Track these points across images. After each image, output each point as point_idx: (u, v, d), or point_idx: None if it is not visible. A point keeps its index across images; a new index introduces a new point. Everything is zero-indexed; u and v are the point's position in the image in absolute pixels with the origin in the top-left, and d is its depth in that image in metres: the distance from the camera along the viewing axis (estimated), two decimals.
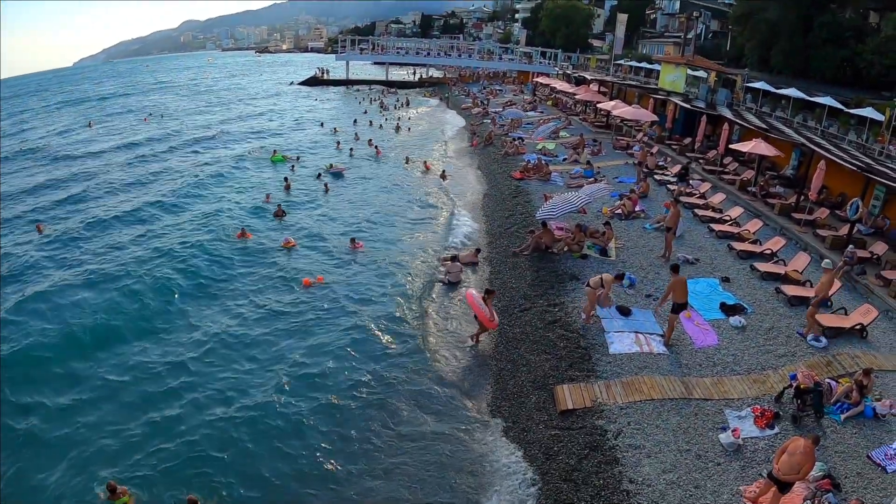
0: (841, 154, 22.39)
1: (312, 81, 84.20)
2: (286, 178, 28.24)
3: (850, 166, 20.48)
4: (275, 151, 35.18)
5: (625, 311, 14.66)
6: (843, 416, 11.02)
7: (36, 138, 45.09)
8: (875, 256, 18.40)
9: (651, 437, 10.58)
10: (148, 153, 37.82)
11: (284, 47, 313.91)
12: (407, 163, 33.28)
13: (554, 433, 11.12)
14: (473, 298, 14.68)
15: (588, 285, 14.20)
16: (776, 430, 10.74)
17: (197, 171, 32.71)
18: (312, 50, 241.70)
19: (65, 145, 41.50)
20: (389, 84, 79.54)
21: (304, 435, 11.69)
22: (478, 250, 19.87)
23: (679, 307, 13.23)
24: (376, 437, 11.70)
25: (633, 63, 62.57)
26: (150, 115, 55.19)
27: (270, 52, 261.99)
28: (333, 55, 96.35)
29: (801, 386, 11.20)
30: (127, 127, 49.36)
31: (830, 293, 15.09)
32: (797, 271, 16.96)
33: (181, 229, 22.90)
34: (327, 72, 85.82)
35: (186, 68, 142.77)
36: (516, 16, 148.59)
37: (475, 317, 14.80)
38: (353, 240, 20.58)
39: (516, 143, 34.46)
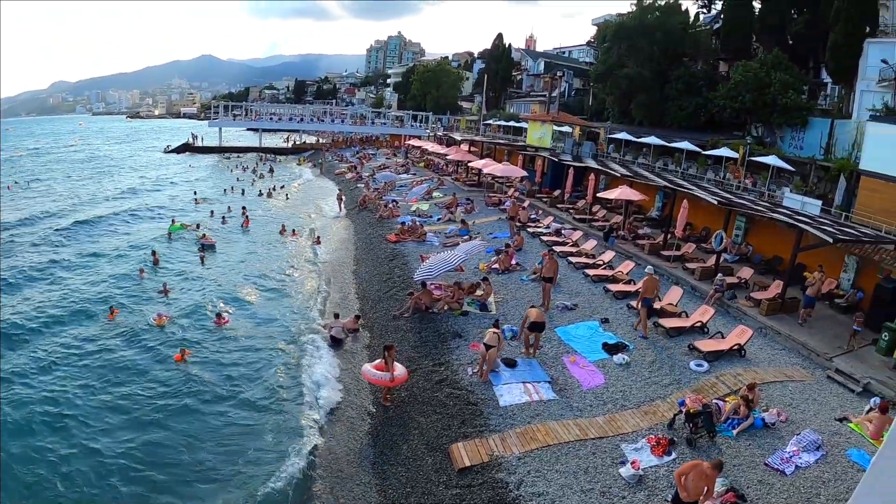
0: (701, 192, 24.67)
1: (185, 149, 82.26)
2: (154, 252, 26.82)
3: (710, 202, 22.60)
4: (173, 220, 33.52)
5: (510, 363, 15.08)
6: (735, 431, 12.04)
7: None
8: (743, 281, 20.42)
9: (553, 483, 10.84)
10: (11, 220, 34.83)
11: (157, 112, 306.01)
12: (282, 232, 32.77)
13: (455, 492, 11.06)
14: (369, 374, 14.37)
15: (485, 345, 14.38)
16: (673, 455, 11.42)
17: (60, 240, 30.76)
18: (185, 115, 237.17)
19: None
20: (263, 151, 79.35)
21: None
22: (357, 316, 19.71)
23: (537, 326, 15.12)
24: None
25: (502, 122, 66.27)
26: (16, 182, 51.23)
27: (142, 118, 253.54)
28: (207, 121, 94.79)
29: (691, 410, 12.00)
30: None
31: (705, 320, 16.60)
32: (672, 304, 18.45)
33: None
34: (202, 139, 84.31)
35: (53, 133, 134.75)
36: (388, 80, 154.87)
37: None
38: (219, 315, 19.67)
39: (390, 206, 35.05)
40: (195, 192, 44.85)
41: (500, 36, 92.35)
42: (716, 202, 22.45)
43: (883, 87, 31.12)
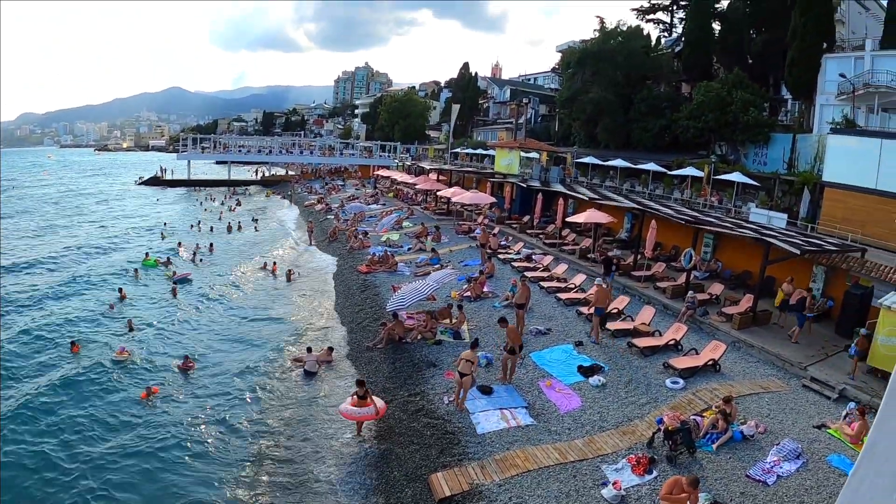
0: (669, 211, 25.19)
1: (154, 181, 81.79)
2: (120, 290, 26.35)
3: (678, 221, 23.05)
4: (146, 255, 32.95)
5: (486, 391, 15.07)
6: (714, 446, 12.18)
7: None
8: (714, 297, 20.74)
9: None
10: None
11: (125, 145, 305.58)
12: (251, 264, 32.52)
13: None
14: (347, 412, 14.23)
15: (458, 372, 14.34)
16: (655, 473, 11.48)
17: (27, 273, 30.40)
18: (154, 148, 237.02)
19: None
20: (232, 183, 79.24)
21: None
22: (330, 349, 19.53)
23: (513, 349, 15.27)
24: None
25: (470, 150, 67.02)
26: None
27: (110, 150, 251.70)
28: (175, 154, 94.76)
29: (669, 427, 12.09)
30: None
31: (679, 338, 16.83)
32: (645, 324, 18.74)
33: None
34: (171, 172, 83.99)
35: (20, 166, 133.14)
36: (356, 111, 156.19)
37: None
38: (186, 357, 19.27)
39: (360, 236, 34.99)
40: (164, 225, 44.51)
41: (466, 65, 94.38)
42: (683, 221, 22.92)
43: (842, 100, 32.26)
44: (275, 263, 32.37)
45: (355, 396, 14.34)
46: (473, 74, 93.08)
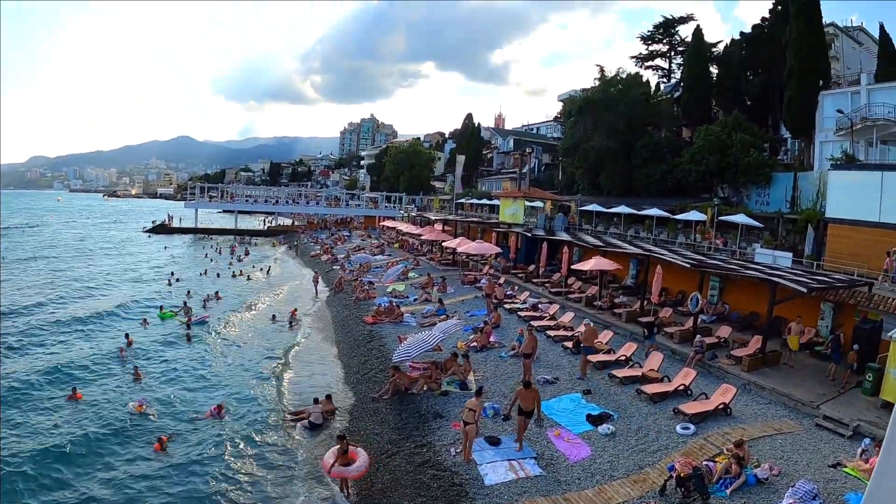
0: (674, 256, 25.21)
1: (161, 229, 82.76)
2: (127, 335, 26.35)
3: (683, 265, 23.04)
4: (161, 307, 32.95)
5: (494, 441, 14.91)
6: (728, 491, 11.96)
7: None
8: (722, 340, 20.57)
9: None
10: None
11: (134, 192, 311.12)
12: (258, 313, 32.55)
13: None
14: (338, 472, 14.02)
15: (463, 422, 14.20)
16: None
17: (34, 319, 30.30)
18: (162, 196, 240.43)
19: None
20: (239, 232, 79.91)
21: None
22: (328, 396, 19.28)
23: (527, 413, 14.51)
24: None
25: (474, 200, 67.59)
26: None
27: (119, 197, 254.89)
28: (183, 202, 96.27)
29: (681, 474, 11.92)
30: None
31: (688, 382, 16.67)
32: (653, 370, 18.49)
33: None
34: (180, 219, 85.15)
35: (29, 209, 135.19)
36: (361, 162, 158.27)
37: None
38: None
39: (366, 287, 35.06)
40: (172, 274, 44.81)
41: (469, 116, 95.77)
42: (689, 265, 22.93)
43: (841, 136, 32.61)
44: (295, 310, 32.43)
45: (338, 451, 14.15)
46: (477, 125, 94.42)
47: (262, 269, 49.96)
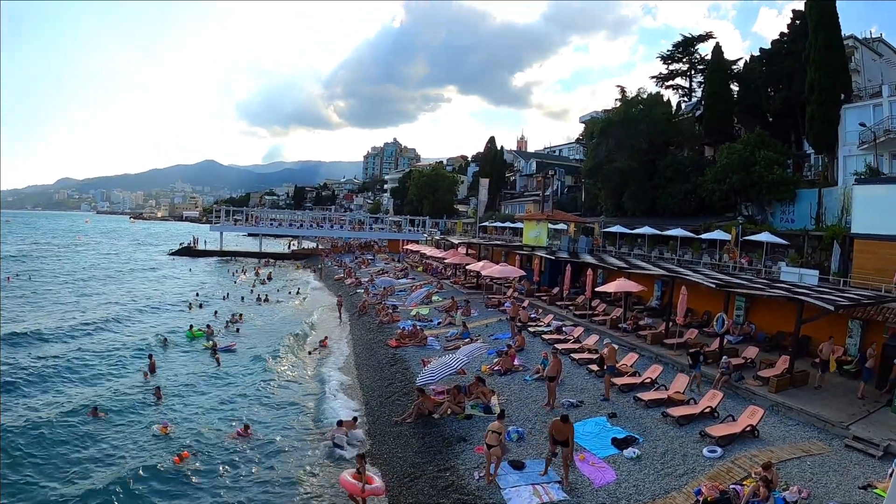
0: (698, 277, 25.00)
1: (186, 251, 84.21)
2: (150, 356, 26.68)
3: (708, 285, 22.85)
4: (191, 327, 33.41)
5: (518, 465, 14.86)
6: None
7: None
8: (749, 360, 20.26)
9: None
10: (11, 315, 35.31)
11: (159, 214, 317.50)
12: (284, 336, 32.82)
13: None
14: (346, 482, 14.12)
15: (486, 445, 14.19)
16: None
17: (60, 339, 30.86)
18: (188, 219, 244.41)
19: None
20: (263, 256, 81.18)
21: None
22: (355, 419, 19.44)
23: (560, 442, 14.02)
24: None
25: (498, 224, 67.69)
26: (17, 275, 52.61)
27: (145, 219, 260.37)
28: (208, 225, 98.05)
29: (708, 499, 11.85)
30: None
31: (714, 405, 16.48)
32: (679, 392, 18.29)
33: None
34: (205, 242, 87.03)
35: (55, 230, 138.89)
36: (385, 186, 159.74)
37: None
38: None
39: (390, 310, 35.24)
40: (196, 295, 45.37)
41: (492, 139, 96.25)
42: (714, 285, 22.74)
43: (864, 149, 32.22)
44: (325, 338, 32.66)
45: (355, 471, 14.27)
46: (500, 148, 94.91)
47: (297, 292, 50.80)
